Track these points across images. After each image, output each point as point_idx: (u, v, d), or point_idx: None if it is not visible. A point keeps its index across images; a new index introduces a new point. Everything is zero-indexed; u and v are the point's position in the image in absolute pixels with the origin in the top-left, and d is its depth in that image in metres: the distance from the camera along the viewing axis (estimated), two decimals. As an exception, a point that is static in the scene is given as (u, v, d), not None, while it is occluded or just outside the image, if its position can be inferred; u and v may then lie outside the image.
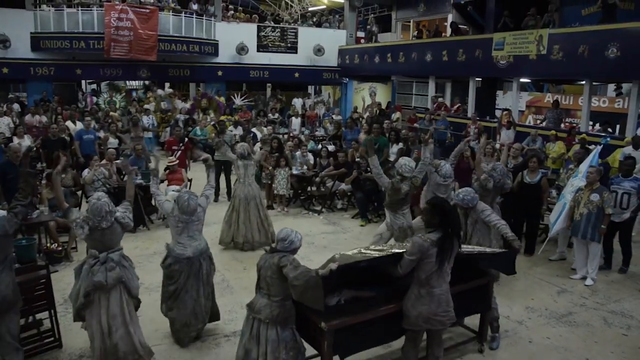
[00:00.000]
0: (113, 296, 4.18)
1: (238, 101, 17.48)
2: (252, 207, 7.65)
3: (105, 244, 4.23)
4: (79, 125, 12.32)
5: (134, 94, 18.24)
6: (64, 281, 6.18)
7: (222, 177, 10.40)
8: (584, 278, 6.76)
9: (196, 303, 4.84)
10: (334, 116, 16.49)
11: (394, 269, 4.05)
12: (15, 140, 10.38)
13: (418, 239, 3.97)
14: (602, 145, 8.20)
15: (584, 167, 7.18)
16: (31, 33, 16.15)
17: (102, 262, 4.17)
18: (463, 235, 5.47)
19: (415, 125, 14.45)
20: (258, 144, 12.02)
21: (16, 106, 15.21)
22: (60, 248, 6.90)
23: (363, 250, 4.38)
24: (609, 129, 12.62)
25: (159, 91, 17.70)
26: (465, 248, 4.73)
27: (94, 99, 17.48)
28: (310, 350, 4.12)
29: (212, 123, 14.35)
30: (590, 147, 8.90)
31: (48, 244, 6.92)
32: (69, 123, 12.38)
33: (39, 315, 4.92)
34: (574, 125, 13.77)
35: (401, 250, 4.07)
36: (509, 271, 5.05)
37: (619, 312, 5.94)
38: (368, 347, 4.28)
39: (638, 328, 5.59)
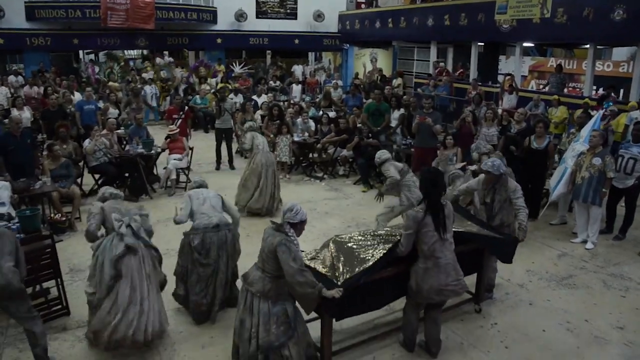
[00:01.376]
0: (135, 265, 4.14)
1: (237, 69, 17.32)
2: (269, 175, 7.69)
3: (122, 211, 4.34)
4: (77, 95, 12.24)
5: (131, 63, 18.04)
6: (68, 250, 6.26)
7: (224, 145, 10.38)
8: (585, 242, 6.81)
9: (225, 278, 4.87)
10: (337, 82, 16.34)
11: (395, 252, 4.09)
12: (15, 111, 10.34)
13: (411, 212, 4.05)
14: (604, 110, 8.13)
15: (585, 131, 7.15)
16: (25, 2, 15.90)
17: (127, 224, 4.19)
18: (488, 211, 5.19)
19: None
20: (259, 112, 11.99)
21: (20, 79, 15.10)
22: (64, 218, 6.95)
23: (358, 237, 4.41)
24: (613, 94, 12.49)
25: (158, 60, 17.53)
26: (468, 227, 4.73)
27: (96, 68, 17.30)
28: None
29: (213, 91, 14.28)
30: (593, 112, 8.83)
31: (52, 214, 6.97)
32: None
33: (45, 284, 4.98)
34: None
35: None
36: (506, 260, 4.96)
37: (618, 275, 6.01)
38: (366, 311, 4.36)
39: (636, 290, 5.67)
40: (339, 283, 3.90)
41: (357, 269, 4.00)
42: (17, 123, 7.34)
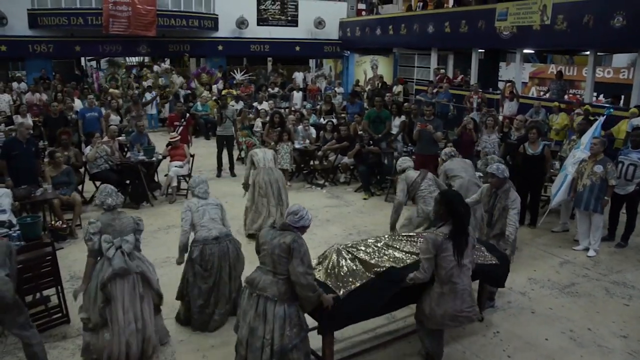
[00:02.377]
0: (127, 287, 4.06)
1: (239, 76, 17.36)
2: (275, 192, 7.08)
3: (116, 229, 4.17)
4: (77, 102, 12.26)
5: (133, 71, 18.12)
6: (69, 258, 6.24)
7: (225, 153, 10.40)
8: (587, 249, 6.78)
9: (228, 289, 4.85)
10: (336, 89, 16.38)
11: (415, 276, 3.90)
12: (19, 118, 10.36)
13: (430, 235, 3.83)
14: (605, 117, 8.13)
15: (586, 138, 7.14)
16: (28, 10, 15.98)
17: (117, 247, 4.08)
18: (488, 218, 5.24)
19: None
20: (259, 119, 12.01)
21: (23, 85, 15.14)
22: (65, 225, 6.94)
23: (370, 242, 4.42)
24: (615, 102, 12.49)
25: (155, 67, 17.59)
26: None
27: (101, 74, 17.34)
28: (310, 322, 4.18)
29: (214, 98, 14.31)
30: (594, 117, 8.84)
31: (53, 222, 6.96)
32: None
33: (46, 292, 4.97)
34: (577, 96, 13.56)
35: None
36: (499, 284, 4.90)
37: (620, 283, 5.98)
38: (365, 318, 4.32)
39: (639, 298, 5.65)
40: (340, 294, 3.89)
41: (358, 282, 4.00)
42: (27, 129, 7.38)
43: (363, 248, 4.39)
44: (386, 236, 4.70)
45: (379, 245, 4.46)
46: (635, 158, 6.75)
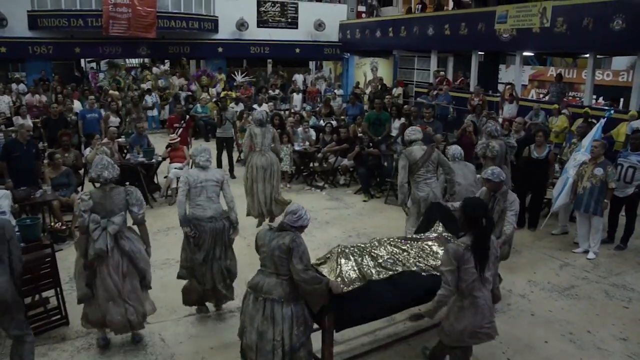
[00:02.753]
0: (112, 267, 4.21)
1: (239, 78, 17.37)
2: (267, 177, 7.14)
3: (107, 208, 4.24)
4: (77, 104, 12.26)
5: (132, 72, 18.13)
6: (68, 260, 6.21)
7: (225, 154, 10.40)
8: (586, 252, 6.78)
9: (223, 266, 4.90)
10: (336, 92, 16.38)
11: (441, 296, 3.61)
12: (19, 119, 10.36)
13: (452, 245, 3.61)
14: (605, 119, 8.14)
15: (586, 141, 7.15)
16: (28, 11, 15.97)
17: (103, 228, 4.16)
18: None
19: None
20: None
21: (22, 87, 15.13)
22: (64, 227, 6.93)
23: (377, 243, 4.42)
24: (615, 105, 12.52)
25: (155, 69, 17.60)
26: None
27: (101, 75, 17.32)
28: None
29: (214, 100, 14.31)
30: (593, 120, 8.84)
31: (52, 223, 6.96)
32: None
33: (45, 294, 4.95)
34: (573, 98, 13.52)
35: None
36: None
37: (620, 285, 5.98)
38: (368, 320, 4.32)
39: (639, 301, 5.63)
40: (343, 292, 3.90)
41: (361, 282, 4.01)
42: (28, 131, 7.38)
43: (369, 250, 4.38)
44: (391, 239, 4.69)
45: (384, 246, 4.46)
46: (635, 160, 6.76)
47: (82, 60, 21.10)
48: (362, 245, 4.46)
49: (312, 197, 9.32)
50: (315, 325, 4.08)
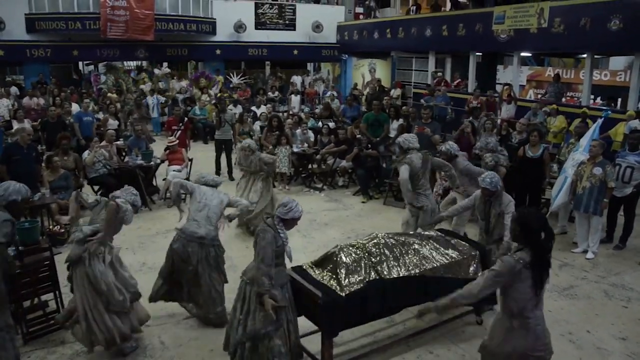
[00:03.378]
0: (79, 275, 4.20)
1: (235, 80, 17.38)
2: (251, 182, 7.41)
3: (96, 222, 4.37)
4: (75, 107, 12.26)
5: (132, 74, 18.12)
6: (68, 263, 6.22)
7: (223, 156, 10.40)
8: (585, 252, 6.79)
9: (212, 287, 4.78)
10: (334, 94, 16.39)
11: (460, 295, 3.25)
12: (16, 123, 10.35)
13: (509, 258, 3.13)
14: (603, 119, 8.16)
15: (584, 140, 7.16)
16: (26, 14, 15.96)
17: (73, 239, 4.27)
18: (485, 225, 5.16)
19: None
20: (257, 122, 12.01)
21: (14, 89, 15.12)
22: (62, 230, 6.92)
23: (370, 245, 4.40)
24: (612, 104, 12.55)
25: (156, 71, 17.58)
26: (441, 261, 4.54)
27: (103, 78, 17.28)
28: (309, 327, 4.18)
29: (213, 102, 14.30)
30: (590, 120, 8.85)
31: (50, 226, 6.94)
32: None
33: (44, 297, 4.96)
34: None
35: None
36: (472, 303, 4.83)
37: (619, 285, 5.98)
38: (366, 322, 4.32)
39: (638, 300, 5.64)
40: (344, 295, 3.91)
41: (364, 279, 4.04)
42: (29, 134, 7.37)
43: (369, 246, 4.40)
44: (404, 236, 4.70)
45: (394, 241, 4.49)
46: (633, 160, 6.77)
47: (80, 63, 21.09)
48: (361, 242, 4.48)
49: (311, 199, 9.32)
50: (315, 327, 4.10)
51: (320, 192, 9.74)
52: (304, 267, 4.38)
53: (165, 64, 19.37)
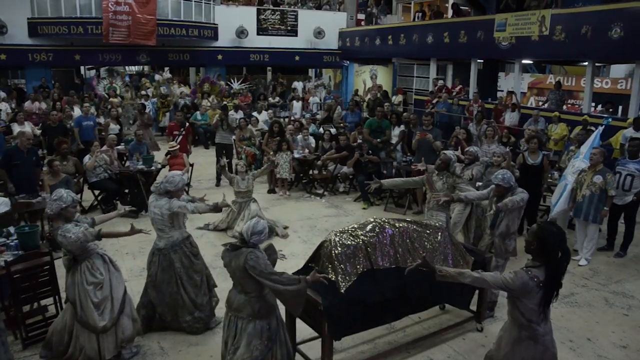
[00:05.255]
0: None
1: (236, 85, 17.42)
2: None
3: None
4: (77, 111, 12.28)
5: (126, 78, 18.12)
6: (67, 267, 6.21)
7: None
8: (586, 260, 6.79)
9: (178, 295, 4.85)
10: (328, 101, 16.41)
11: (472, 276, 3.23)
12: (16, 127, 10.36)
13: (524, 274, 3.07)
14: (603, 127, 8.16)
15: (585, 148, 7.16)
16: (28, 19, 16.01)
17: None
18: (492, 219, 5.20)
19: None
20: (261, 123, 12.02)
21: (2, 94, 15.11)
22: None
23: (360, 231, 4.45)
24: (611, 109, 12.55)
25: (157, 76, 17.60)
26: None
27: (103, 82, 17.30)
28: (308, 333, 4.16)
29: (220, 106, 14.31)
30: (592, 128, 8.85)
31: (51, 231, 6.93)
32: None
33: (43, 302, 4.94)
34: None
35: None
36: (462, 306, 4.95)
37: (620, 293, 5.97)
38: (367, 328, 4.31)
39: (639, 308, 5.63)
40: (343, 290, 3.92)
41: (359, 270, 4.12)
42: (28, 139, 7.38)
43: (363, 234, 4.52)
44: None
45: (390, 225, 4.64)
46: (633, 168, 6.79)
47: (82, 68, 21.14)
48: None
49: (312, 205, 9.32)
50: (315, 334, 4.09)
51: (321, 198, 9.74)
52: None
53: (167, 69, 19.42)
